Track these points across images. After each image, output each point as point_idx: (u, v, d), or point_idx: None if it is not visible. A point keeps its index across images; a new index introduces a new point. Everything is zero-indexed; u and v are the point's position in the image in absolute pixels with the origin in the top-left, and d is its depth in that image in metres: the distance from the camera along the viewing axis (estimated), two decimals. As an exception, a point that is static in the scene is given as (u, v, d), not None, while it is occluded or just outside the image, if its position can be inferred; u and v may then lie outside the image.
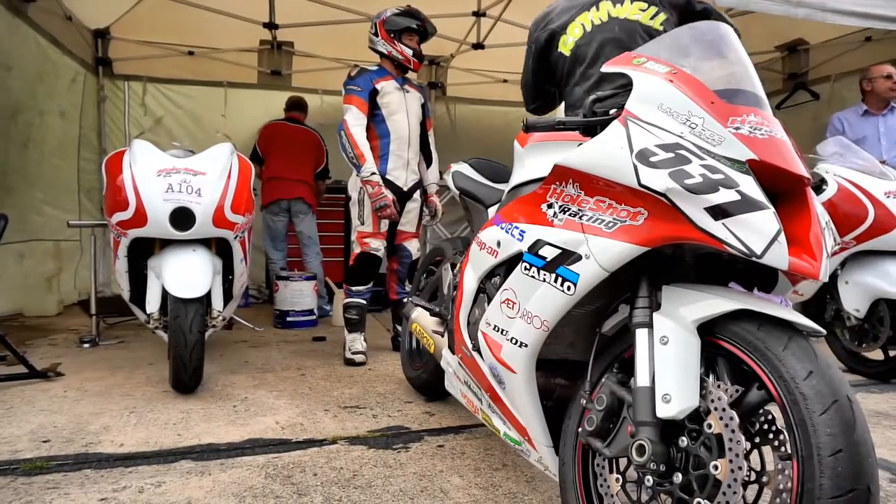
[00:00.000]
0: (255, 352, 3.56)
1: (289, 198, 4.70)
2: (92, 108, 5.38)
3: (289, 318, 4.29)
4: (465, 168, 2.38)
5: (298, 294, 4.30)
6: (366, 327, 3.42)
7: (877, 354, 3.12)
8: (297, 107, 5.07)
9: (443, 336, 2.11)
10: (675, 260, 1.35)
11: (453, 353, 1.95)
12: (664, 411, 1.12)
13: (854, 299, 3.08)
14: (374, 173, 3.12)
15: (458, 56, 5.89)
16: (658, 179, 1.13)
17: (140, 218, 2.53)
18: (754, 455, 1.16)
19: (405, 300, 2.50)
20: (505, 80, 6.33)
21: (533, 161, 1.69)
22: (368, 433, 2.21)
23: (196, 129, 5.57)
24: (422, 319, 2.28)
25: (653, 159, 1.15)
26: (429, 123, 3.55)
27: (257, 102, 5.84)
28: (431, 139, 3.58)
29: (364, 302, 3.36)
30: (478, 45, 5.27)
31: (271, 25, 4.91)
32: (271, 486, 1.77)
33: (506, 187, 1.88)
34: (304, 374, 3.04)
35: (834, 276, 3.19)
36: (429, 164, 3.55)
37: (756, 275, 1.31)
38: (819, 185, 3.22)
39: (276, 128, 4.90)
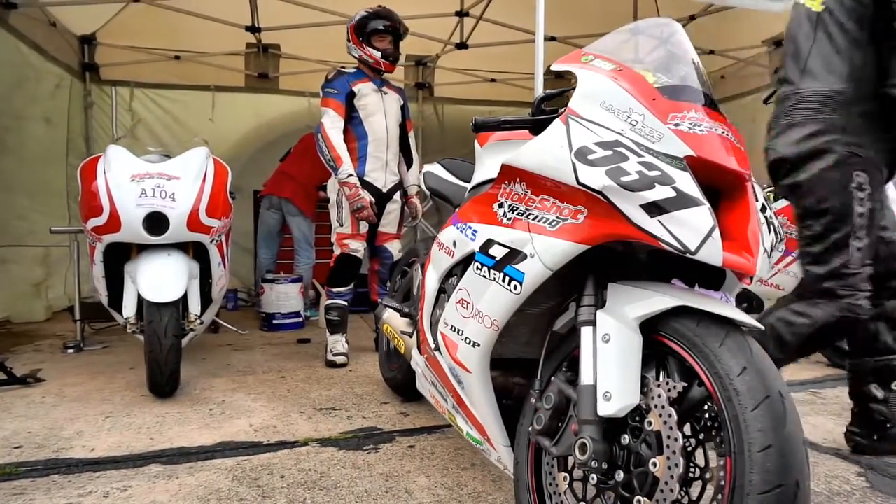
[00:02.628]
0: (239, 355, 3.56)
1: (278, 195, 4.69)
2: (79, 113, 5.37)
3: (275, 321, 4.30)
4: (436, 168, 2.39)
5: (284, 297, 4.31)
6: (349, 328, 3.43)
7: (858, 348, 3.12)
8: None
9: (411, 337, 2.11)
10: (628, 257, 1.35)
11: (421, 353, 1.95)
12: (605, 409, 1.12)
13: (834, 293, 3.07)
14: (350, 175, 3.13)
15: (444, 56, 5.89)
16: (595, 177, 1.13)
17: (114, 223, 2.53)
18: (700, 452, 1.16)
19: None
20: (493, 80, 6.32)
21: (491, 161, 1.69)
22: (340, 435, 2.21)
23: (184, 133, 5.56)
24: (392, 320, 2.28)
25: (591, 157, 1.15)
26: (409, 125, 3.56)
27: (245, 105, 5.85)
28: (412, 140, 3.59)
29: (345, 303, 3.36)
30: (462, 45, 5.28)
31: (253, 29, 4.91)
32: (237, 488, 1.77)
33: None
34: (285, 377, 3.04)
35: (814, 271, 3.18)
36: (409, 165, 3.55)
37: (706, 271, 1.32)
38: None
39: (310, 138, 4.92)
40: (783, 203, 3.21)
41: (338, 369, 3.21)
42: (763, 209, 1.21)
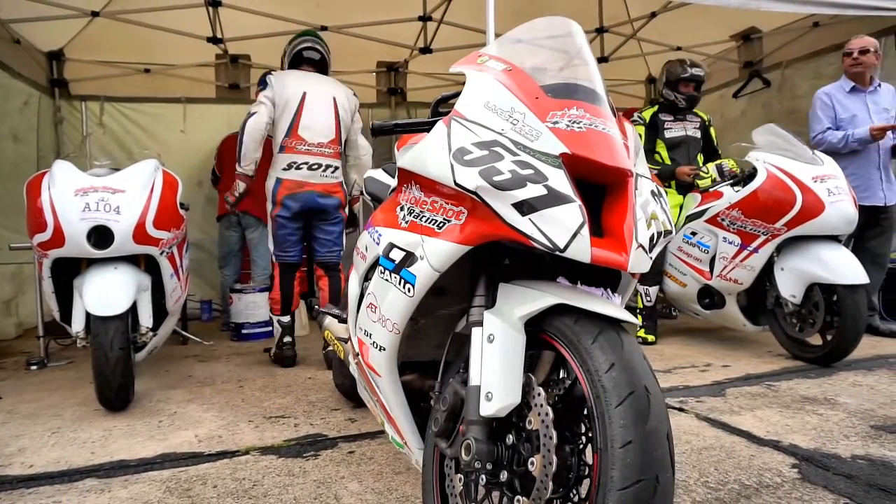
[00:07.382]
0: (202, 366, 3.56)
1: (234, 212, 4.68)
2: (49, 129, 5.37)
3: (244, 331, 4.29)
4: (377, 173, 2.38)
5: (253, 306, 4.30)
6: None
7: (817, 339, 3.12)
8: None
9: (347, 342, 2.11)
10: (527, 256, 1.34)
11: (353, 359, 1.95)
12: (486, 409, 1.12)
13: (790, 285, 3.07)
14: None
15: (414, 61, 5.90)
16: (469, 178, 1.13)
17: (58, 238, 2.53)
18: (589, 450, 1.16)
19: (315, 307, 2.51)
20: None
21: (404, 164, 1.69)
22: (284, 442, 2.21)
23: (156, 146, 5.56)
24: (332, 327, 2.28)
25: (467, 158, 1.15)
26: None
27: (217, 117, 5.83)
28: None
29: None
30: (425, 50, 5.28)
31: (214, 40, 4.92)
32: (167, 500, 1.76)
33: None
34: (243, 386, 3.04)
35: (771, 263, 3.18)
36: None
37: (598, 270, 1.31)
38: (752, 173, 3.23)
39: (231, 139, 4.89)
40: (743, 194, 3.21)
41: (297, 376, 3.20)
42: (649, 204, 1.20)
